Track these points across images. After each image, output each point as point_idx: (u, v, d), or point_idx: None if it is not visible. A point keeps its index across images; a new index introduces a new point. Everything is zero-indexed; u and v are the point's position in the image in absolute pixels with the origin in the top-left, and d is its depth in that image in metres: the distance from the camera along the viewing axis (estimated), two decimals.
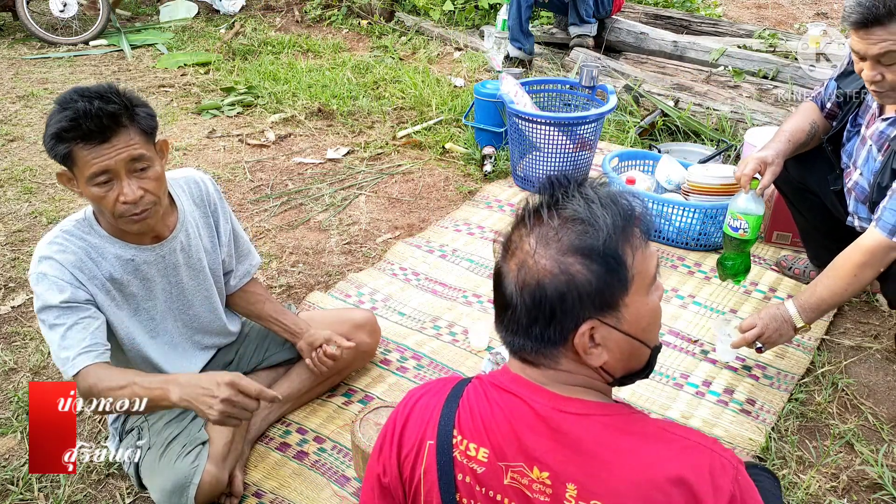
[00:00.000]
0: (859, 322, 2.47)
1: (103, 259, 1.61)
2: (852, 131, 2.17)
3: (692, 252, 2.83)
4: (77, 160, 1.47)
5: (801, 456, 1.94)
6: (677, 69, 4.40)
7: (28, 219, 3.17)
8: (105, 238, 1.62)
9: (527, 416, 0.98)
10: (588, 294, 0.93)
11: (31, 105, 4.49)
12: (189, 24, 6.17)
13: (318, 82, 4.66)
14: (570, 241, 0.94)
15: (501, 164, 3.53)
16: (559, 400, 0.98)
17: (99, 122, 1.44)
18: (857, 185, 2.13)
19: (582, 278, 0.93)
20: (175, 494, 1.64)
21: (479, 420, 1.01)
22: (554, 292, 0.93)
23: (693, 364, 2.27)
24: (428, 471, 1.04)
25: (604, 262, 0.93)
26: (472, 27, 5.67)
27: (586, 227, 0.94)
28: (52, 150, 1.48)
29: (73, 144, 1.46)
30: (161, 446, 1.72)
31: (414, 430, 1.07)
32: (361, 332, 2.12)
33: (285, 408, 2.04)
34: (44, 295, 1.56)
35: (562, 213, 0.95)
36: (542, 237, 0.95)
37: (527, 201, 1.00)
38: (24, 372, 2.26)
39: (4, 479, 1.88)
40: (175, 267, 1.74)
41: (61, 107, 1.46)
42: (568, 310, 0.94)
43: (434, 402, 1.08)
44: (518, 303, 0.96)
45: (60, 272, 1.56)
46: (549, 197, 0.98)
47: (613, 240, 0.94)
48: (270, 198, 3.34)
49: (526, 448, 0.97)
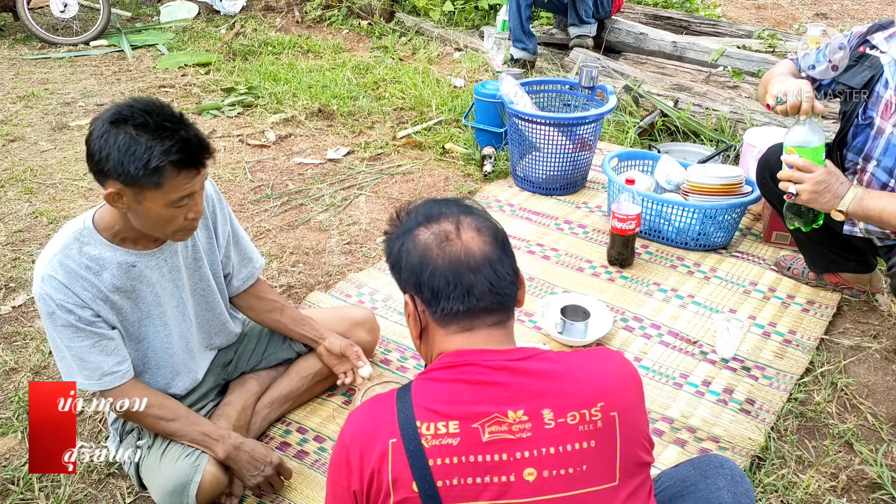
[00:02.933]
0: (859, 322, 2.47)
1: (104, 270, 1.60)
2: (862, 125, 2.14)
3: (692, 252, 2.84)
4: (165, 184, 1.47)
5: (801, 455, 1.94)
6: (677, 69, 4.40)
7: (28, 219, 3.18)
8: (107, 247, 1.61)
9: (484, 374, 1.09)
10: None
11: (31, 105, 4.50)
12: (189, 24, 6.17)
13: (319, 83, 4.67)
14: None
15: (501, 165, 3.54)
16: (505, 353, 1.12)
17: (203, 153, 1.51)
18: (873, 177, 2.10)
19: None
20: (176, 494, 1.65)
21: (437, 402, 1.08)
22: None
23: (693, 364, 2.27)
24: (397, 472, 1.04)
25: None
26: (471, 28, 5.67)
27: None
28: (136, 173, 1.44)
29: (171, 169, 1.46)
30: (162, 446, 1.72)
31: (371, 440, 1.08)
32: (360, 330, 2.13)
33: (285, 407, 2.04)
34: (52, 315, 1.57)
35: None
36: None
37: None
38: (24, 372, 2.26)
39: (5, 479, 1.89)
40: (177, 269, 1.75)
41: (155, 134, 1.44)
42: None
43: (382, 408, 1.11)
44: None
45: (65, 294, 1.56)
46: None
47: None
48: (271, 198, 3.35)
49: (493, 399, 1.07)
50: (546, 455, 1.04)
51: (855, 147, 2.16)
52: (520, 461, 1.04)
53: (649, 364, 2.27)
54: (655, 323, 2.45)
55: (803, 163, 1.98)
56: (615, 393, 1.10)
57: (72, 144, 3.94)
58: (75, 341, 1.59)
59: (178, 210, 1.54)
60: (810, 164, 1.98)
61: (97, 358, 1.61)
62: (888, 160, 2.06)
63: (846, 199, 1.97)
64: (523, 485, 1.04)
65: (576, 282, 2.66)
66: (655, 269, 2.76)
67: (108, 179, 1.48)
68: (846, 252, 2.44)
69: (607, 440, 1.07)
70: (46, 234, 3.04)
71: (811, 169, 1.98)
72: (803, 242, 2.53)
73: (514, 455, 1.04)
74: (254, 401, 1.98)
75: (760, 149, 2.79)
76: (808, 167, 1.98)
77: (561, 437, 1.05)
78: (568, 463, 1.05)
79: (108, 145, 1.44)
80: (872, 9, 6.68)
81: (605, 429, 1.07)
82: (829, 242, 2.39)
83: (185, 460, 1.68)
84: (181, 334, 1.80)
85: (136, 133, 1.44)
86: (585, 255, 2.83)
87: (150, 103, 1.49)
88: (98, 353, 1.61)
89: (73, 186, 3.47)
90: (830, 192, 1.97)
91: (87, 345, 1.60)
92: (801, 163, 1.98)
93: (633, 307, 2.54)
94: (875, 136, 2.10)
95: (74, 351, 1.59)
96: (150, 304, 1.71)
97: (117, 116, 1.46)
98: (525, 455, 1.04)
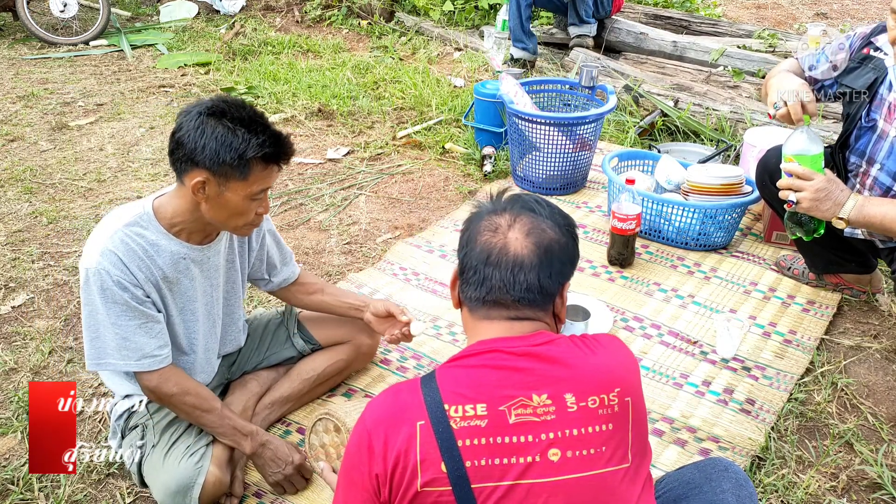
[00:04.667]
0: (859, 322, 2.47)
1: (158, 256, 1.64)
2: (865, 128, 2.13)
3: (692, 252, 2.84)
4: (251, 176, 1.55)
5: (801, 455, 1.94)
6: (677, 69, 4.40)
7: (28, 219, 3.17)
8: (163, 235, 1.65)
9: (508, 360, 1.13)
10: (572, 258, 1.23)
11: (31, 105, 4.50)
12: (189, 24, 6.17)
13: (318, 82, 4.67)
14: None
15: (501, 165, 3.53)
16: (527, 338, 1.16)
17: (290, 149, 1.61)
18: (876, 181, 2.10)
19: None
20: (179, 494, 1.66)
21: (463, 386, 1.11)
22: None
23: (693, 364, 2.27)
24: (425, 453, 1.07)
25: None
26: (471, 27, 5.67)
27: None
28: (231, 162, 1.52)
29: (259, 163, 1.55)
30: (166, 445, 1.73)
31: (397, 423, 1.10)
32: (362, 334, 2.13)
33: (286, 408, 2.04)
34: (104, 291, 1.58)
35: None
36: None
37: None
38: (24, 372, 2.26)
39: (4, 479, 1.88)
40: (216, 269, 1.79)
41: (250, 128, 1.52)
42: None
43: (406, 394, 1.14)
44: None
45: (122, 271, 1.58)
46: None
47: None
48: (270, 198, 3.34)
49: (518, 384, 1.11)
50: (570, 436, 1.09)
51: (858, 150, 2.15)
52: (544, 442, 1.08)
53: (649, 364, 2.26)
54: (656, 323, 2.45)
55: (803, 170, 1.96)
56: (628, 379, 1.16)
57: (71, 144, 3.93)
58: (123, 319, 1.60)
59: (253, 203, 1.61)
60: (810, 172, 1.96)
61: (141, 339, 1.62)
62: (892, 163, 2.05)
63: (847, 206, 1.96)
64: (547, 465, 1.08)
65: (576, 282, 2.66)
66: (656, 269, 2.76)
67: (196, 168, 1.54)
68: (846, 254, 2.43)
69: (622, 423, 1.12)
70: (46, 233, 3.04)
71: (811, 177, 1.96)
72: (804, 244, 2.53)
73: (539, 436, 1.08)
74: (254, 402, 1.98)
75: (761, 149, 2.79)
76: (808, 175, 1.96)
77: (583, 419, 1.10)
78: (589, 444, 1.09)
79: (204, 135, 1.51)
80: (873, 8, 6.67)
81: (620, 413, 1.12)
82: (829, 244, 2.39)
83: (189, 461, 1.68)
84: (205, 333, 1.83)
85: (232, 125, 1.52)
86: (585, 254, 2.83)
87: (241, 101, 1.58)
88: (143, 333, 1.62)
89: (72, 186, 3.47)
90: (831, 200, 1.96)
91: (135, 325, 1.61)
92: (800, 171, 1.96)
93: (634, 307, 2.54)
94: (878, 139, 2.09)
95: (120, 329, 1.60)
96: (186, 299, 1.73)
97: (214, 109, 1.53)
98: (550, 436, 1.08)
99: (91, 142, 3.97)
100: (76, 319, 2.49)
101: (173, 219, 1.65)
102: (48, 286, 2.69)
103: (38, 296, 2.63)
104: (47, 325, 2.47)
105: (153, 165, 3.68)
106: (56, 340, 2.40)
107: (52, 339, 2.39)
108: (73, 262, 2.82)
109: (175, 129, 1.56)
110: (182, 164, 1.56)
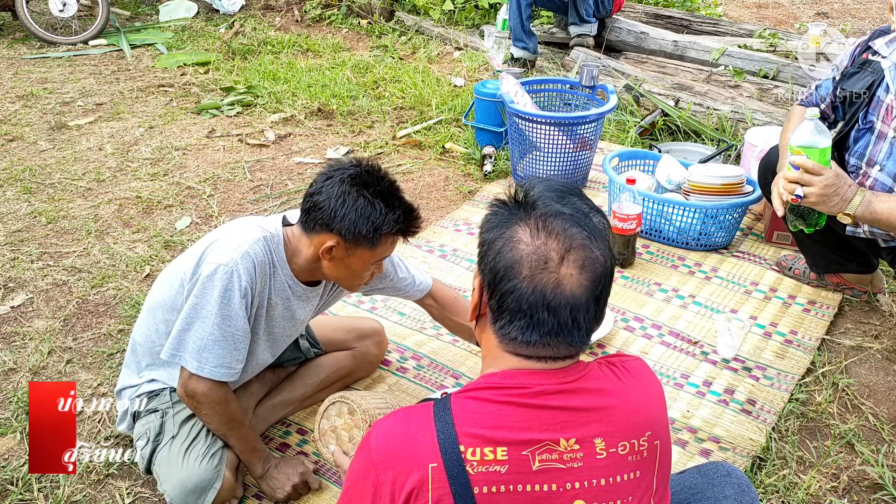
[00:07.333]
0: (860, 322, 2.47)
1: (273, 279, 1.67)
2: (863, 129, 2.13)
3: (692, 252, 2.83)
4: (378, 246, 1.61)
5: (802, 456, 1.94)
6: (678, 69, 4.40)
7: (27, 219, 3.17)
8: (282, 263, 1.69)
9: (534, 399, 1.02)
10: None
11: (30, 105, 4.49)
12: (188, 23, 6.16)
13: (318, 82, 4.66)
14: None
15: (501, 164, 3.53)
16: (559, 374, 1.05)
17: (419, 225, 1.68)
18: (876, 181, 2.09)
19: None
20: (194, 494, 1.66)
21: (482, 425, 1.00)
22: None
23: (693, 364, 2.27)
24: (437, 498, 0.98)
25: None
26: (472, 27, 5.67)
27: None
28: (366, 234, 1.57)
29: (389, 236, 1.61)
30: (185, 440, 1.72)
31: (406, 463, 1.01)
32: (368, 342, 2.14)
33: (287, 411, 2.04)
34: (226, 291, 1.58)
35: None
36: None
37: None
38: (23, 372, 2.26)
39: (4, 479, 1.88)
40: (311, 309, 1.83)
41: (387, 203, 1.58)
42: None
43: (417, 427, 1.03)
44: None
45: (251, 280, 1.60)
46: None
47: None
48: (270, 197, 3.34)
49: (544, 425, 1.01)
50: (597, 486, 1.01)
51: (857, 152, 2.16)
52: (569, 492, 1.00)
53: (650, 364, 2.26)
54: (656, 323, 2.45)
55: (812, 165, 1.91)
56: (659, 420, 1.09)
57: (70, 144, 3.93)
58: (225, 324, 1.60)
59: (373, 267, 1.68)
60: (819, 167, 1.91)
61: (226, 349, 1.61)
62: (892, 164, 2.05)
63: (854, 202, 1.93)
64: None
65: None
66: (656, 269, 2.75)
67: (329, 233, 1.59)
68: (848, 253, 2.43)
69: (649, 469, 1.06)
70: (45, 233, 3.04)
71: (820, 171, 1.91)
72: (805, 244, 2.52)
73: (564, 486, 1.00)
74: (255, 403, 1.98)
75: (762, 148, 2.79)
76: (818, 170, 1.91)
77: (611, 467, 1.02)
78: (616, 494, 1.02)
79: (345, 205, 1.55)
80: (874, 8, 6.66)
81: (649, 458, 1.06)
82: (830, 244, 2.39)
83: (209, 463, 1.68)
84: (260, 363, 1.84)
85: (373, 199, 1.56)
86: None
87: (379, 169, 1.63)
88: (231, 345, 1.62)
89: (71, 186, 3.46)
90: (839, 196, 1.92)
91: (230, 333, 1.61)
92: (810, 165, 1.91)
93: (634, 307, 2.53)
94: (876, 141, 2.09)
95: (215, 331, 1.59)
96: (273, 325, 1.76)
97: (357, 179, 1.57)
98: (576, 486, 1.01)
99: (90, 141, 3.96)
100: (75, 319, 2.49)
101: (293, 257, 1.69)
102: (47, 286, 2.68)
103: (37, 296, 2.63)
104: (46, 325, 2.47)
105: (152, 165, 3.67)
106: (55, 340, 2.39)
107: (51, 340, 2.39)
108: (72, 262, 2.81)
109: (313, 190, 1.59)
110: (316, 225, 1.60)
